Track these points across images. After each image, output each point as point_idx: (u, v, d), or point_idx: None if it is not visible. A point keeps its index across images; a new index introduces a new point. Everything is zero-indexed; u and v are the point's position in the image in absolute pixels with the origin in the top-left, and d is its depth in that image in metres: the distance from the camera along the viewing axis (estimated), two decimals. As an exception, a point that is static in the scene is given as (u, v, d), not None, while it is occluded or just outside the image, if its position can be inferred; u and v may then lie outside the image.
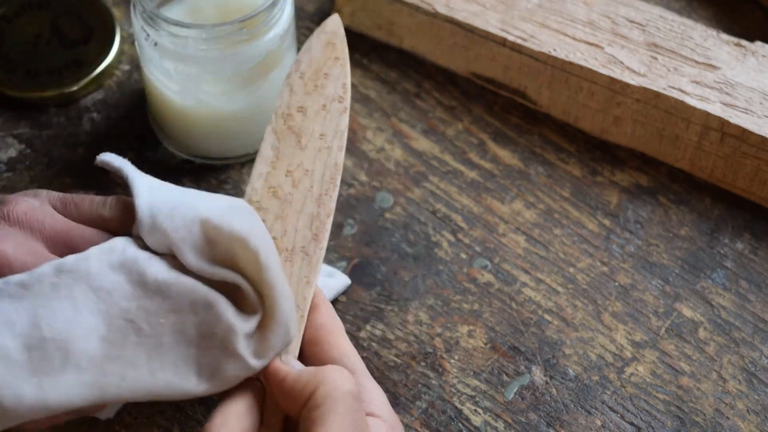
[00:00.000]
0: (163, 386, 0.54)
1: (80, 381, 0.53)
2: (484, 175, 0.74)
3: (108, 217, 0.57)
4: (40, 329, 0.52)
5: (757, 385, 0.66)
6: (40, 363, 0.52)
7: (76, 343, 0.52)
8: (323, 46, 0.63)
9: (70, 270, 0.53)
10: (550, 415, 0.65)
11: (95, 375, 0.53)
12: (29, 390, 0.52)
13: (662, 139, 0.74)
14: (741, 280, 0.70)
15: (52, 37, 0.78)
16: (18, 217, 0.55)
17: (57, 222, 0.56)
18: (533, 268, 0.70)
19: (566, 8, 0.76)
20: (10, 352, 0.52)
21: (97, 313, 0.53)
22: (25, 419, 0.53)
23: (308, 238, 0.59)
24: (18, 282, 0.53)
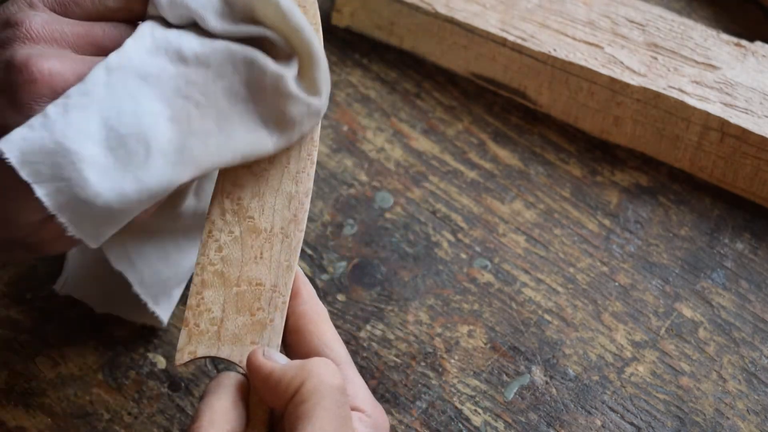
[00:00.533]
0: (242, 145, 0.56)
1: (170, 162, 0.54)
2: (484, 175, 0.74)
3: (115, 7, 0.56)
4: (114, 129, 0.53)
5: (757, 385, 0.66)
6: (128, 159, 0.53)
7: (151, 132, 0.53)
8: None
9: (117, 67, 0.54)
10: (550, 415, 0.65)
11: (181, 153, 0.54)
12: (129, 185, 0.53)
13: (662, 139, 0.74)
14: (741, 280, 0.70)
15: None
16: (39, 32, 0.54)
17: (74, 25, 0.55)
18: (533, 268, 0.70)
19: (566, 8, 0.76)
20: (98, 159, 0.52)
21: (154, 99, 0.54)
22: (136, 213, 0.54)
23: (287, 219, 0.58)
24: (78, 93, 0.53)
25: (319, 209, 0.72)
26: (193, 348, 0.56)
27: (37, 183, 0.52)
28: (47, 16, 0.55)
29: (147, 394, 0.65)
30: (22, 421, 0.64)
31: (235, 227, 0.58)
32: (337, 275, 0.70)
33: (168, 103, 0.54)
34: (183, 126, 0.54)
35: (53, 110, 0.52)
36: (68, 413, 0.65)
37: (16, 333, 0.67)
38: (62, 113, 0.52)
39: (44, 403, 0.65)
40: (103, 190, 0.52)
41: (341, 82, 0.78)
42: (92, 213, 0.52)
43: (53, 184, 0.52)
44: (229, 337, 0.56)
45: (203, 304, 0.56)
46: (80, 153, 0.52)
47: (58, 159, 0.52)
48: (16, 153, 0.51)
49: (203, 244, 0.57)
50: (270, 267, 0.57)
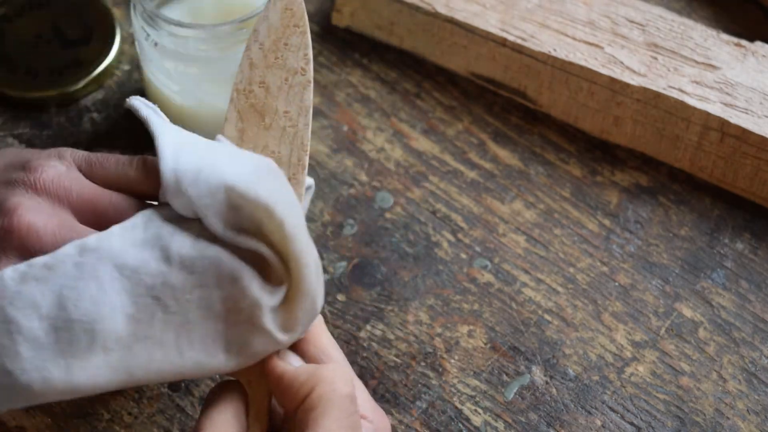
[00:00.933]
0: (191, 365, 0.53)
1: (108, 362, 0.52)
2: (484, 175, 0.74)
3: (134, 178, 0.56)
4: (66, 310, 0.51)
5: (757, 385, 0.66)
6: (67, 345, 0.51)
7: (102, 324, 0.51)
8: (281, 13, 0.60)
9: (93, 249, 0.52)
10: (550, 415, 0.65)
11: (123, 356, 0.52)
12: (57, 372, 0.51)
13: (662, 139, 0.74)
14: (741, 280, 0.70)
15: (52, 37, 0.78)
16: (45, 185, 0.54)
17: (84, 188, 0.55)
18: (533, 268, 0.70)
19: (566, 8, 0.76)
20: (37, 334, 0.51)
21: (122, 292, 0.52)
22: (53, 400, 0.53)
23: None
24: (42, 264, 0.52)
25: (319, 209, 0.72)
26: None
27: None
28: (64, 171, 0.55)
29: (147, 394, 0.65)
30: (22, 421, 0.64)
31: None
32: (337, 275, 0.70)
33: (134, 299, 0.52)
34: (140, 328, 0.52)
35: (9, 274, 0.52)
36: (68, 413, 0.64)
37: (16, 333, 0.67)
38: (18, 281, 0.52)
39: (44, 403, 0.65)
40: (29, 369, 0.51)
41: (341, 82, 0.78)
42: (11, 385, 0.51)
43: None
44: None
45: None
46: (21, 324, 0.51)
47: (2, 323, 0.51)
48: None
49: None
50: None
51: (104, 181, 0.56)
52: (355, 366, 0.66)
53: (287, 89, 0.59)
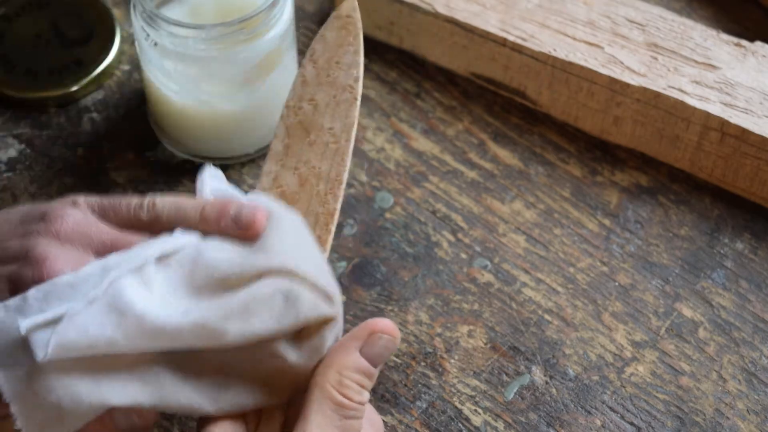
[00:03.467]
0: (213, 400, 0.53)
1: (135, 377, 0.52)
2: (484, 175, 0.74)
3: (147, 221, 0.56)
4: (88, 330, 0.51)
5: (757, 385, 0.66)
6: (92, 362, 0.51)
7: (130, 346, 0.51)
8: (337, 32, 0.61)
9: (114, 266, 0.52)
10: (550, 415, 0.65)
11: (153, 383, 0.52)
12: (85, 389, 0.51)
13: (662, 139, 0.74)
14: (741, 280, 0.70)
15: (52, 37, 0.78)
16: (67, 233, 0.54)
17: (103, 233, 0.55)
18: (533, 268, 0.70)
19: (566, 8, 0.76)
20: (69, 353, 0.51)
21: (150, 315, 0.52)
22: (85, 421, 0.52)
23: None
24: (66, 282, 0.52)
25: (319, 209, 0.72)
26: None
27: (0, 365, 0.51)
28: (81, 218, 0.55)
29: (147, 394, 0.65)
30: (22, 421, 0.64)
31: None
32: (337, 275, 0.70)
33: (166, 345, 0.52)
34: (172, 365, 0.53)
35: (33, 294, 0.52)
36: (68, 413, 0.64)
37: (16, 333, 0.67)
38: (41, 299, 0.52)
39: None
40: (57, 387, 0.51)
41: (341, 82, 0.78)
42: (43, 408, 0.51)
43: (13, 370, 0.51)
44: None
45: None
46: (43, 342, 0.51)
47: (23, 346, 0.51)
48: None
49: None
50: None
51: (118, 224, 0.56)
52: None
53: (334, 106, 0.60)
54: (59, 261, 0.53)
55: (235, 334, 0.51)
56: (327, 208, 0.58)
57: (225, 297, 0.52)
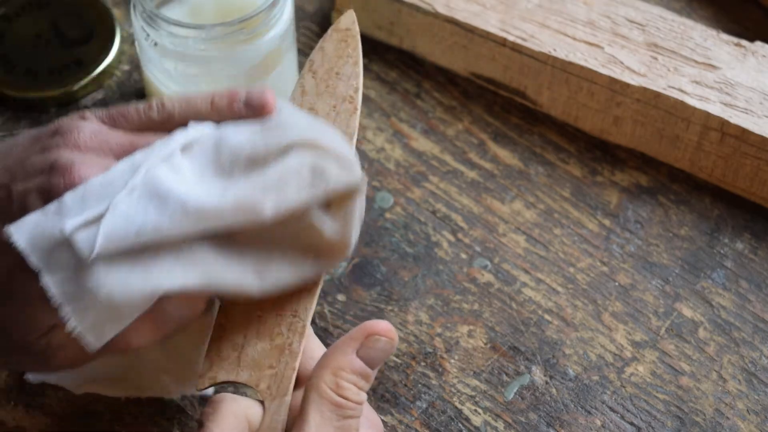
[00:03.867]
0: (270, 273, 0.55)
1: (181, 263, 0.53)
2: (484, 175, 0.74)
3: (159, 121, 0.56)
4: (130, 222, 0.52)
5: (757, 385, 0.66)
6: (139, 254, 0.52)
7: (171, 233, 0.52)
8: (336, 44, 0.62)
9: (143, 161, 0.53)
10: (550, 415, 0.65)
11: (200, 264, 0.53)
12: (136, 280, 0.52)
13: (662, 139, 0.74)
14: (741, 280, 0.70)
15: (52, 37, 0.78)
16: (86, 142, 0.54)
17: (120, 137, 0.55)
18: (533, 268, 0.70)
19: (566, 8, 0.76)
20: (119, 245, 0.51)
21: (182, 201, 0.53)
22: (139, 312, 0.53)
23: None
24: (99, 182, 0.52)
25: (319, 209, 0.72)
26: (214, 374, 0.56)
27: (44, 269, 0.51)
28: (96, 127, 0.55)
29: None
30: (22, 421, 0.64)
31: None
32: (337, 275, 0.70)
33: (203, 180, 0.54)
34: (218, 246, 0.54)
35: (70, 197, 0.52)
36: (68, 413, 0.64)
37: (16, 333, 0.67)
38: (79, 201, 0.52)
39: (44, 403, 0.65)
40: (107, 282, 0.51)
41: (341, 82, 0.78)
42: (95, 305, 0.51)
43: (60, 272, 0.51)
44: (248, 362, 0.56)
45: (225, 331, 0.56)
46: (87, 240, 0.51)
47: (65, 245, 0.51)
48: (25, 237, 0.51)
49: None
50: (292, 293, 0.57)
51: (131, 130, 0.57)
52: (355, 366, 0.66)
53: (334, 116, 0.60)
54: (85, 166, 0.53)
55: (271, 209, 0.53)
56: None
57: (255, 174, 0.53)
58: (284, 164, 0.54)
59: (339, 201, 0.55)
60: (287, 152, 0.54)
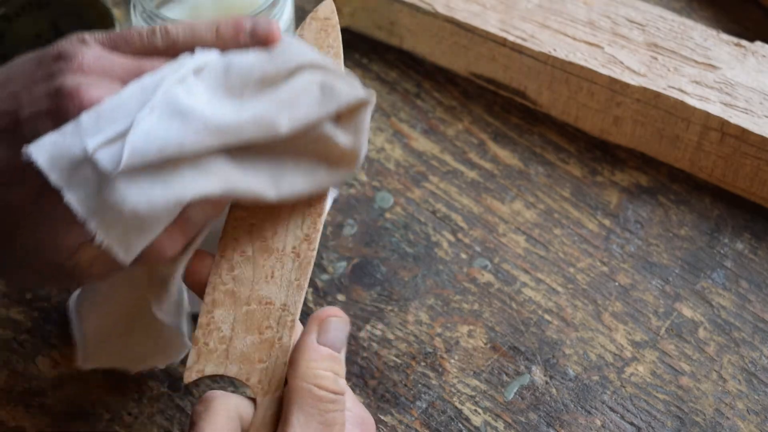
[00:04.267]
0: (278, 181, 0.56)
1: (200, 171, 0.54)
2: (484, 175, 0.74)
3: (162, 46, 0.56)
4: (147, 140, 0.53)
5: (757, 385, 0.66)
6: (158, 167, 0.53)
7: (188, 147, 0.53)
8: (315, 34, 0.62)
9: (154, 82, 0.54)
10: (550, 415, 0.65)
11: (218, 172, 0.54)
12: (158, 191, 0.53)
13: (662, 139, 0.74)
14: (741, 280, 0.70)
15: (52, 37, 0.78)
16: (90, 65, 0.54)
17: (124, 60, 0.56)
18: (533, 268, 0.70)
19: (566, 8, 0.76)
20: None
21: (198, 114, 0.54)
22: (166, 222, 0.53)
23: (299, 238, 0.58)
24: (112, 102, 0.53)
25: (319, 209, 0.72)
26: (202, 366, 0.55)
27: (66, 188, 0.52)
28: (99, 51, 0.55)
29: (147, 394, 0.65)
30: (22, 421, 0.64)
31: (247, 247, 0.58)
32: (337, 275, 0.70)
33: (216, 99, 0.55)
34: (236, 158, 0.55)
35: (86, 117, 0.52)
36: (68, 413, 0.65)
37: (16, 333, 0.67)
38: (94, 120, 0.52)
39: (44, 403, 0.65)
40: (130, 195, 0.52)
41: (341, 82, 0.78)
42: (121, 219, 0.52)
43: (82, 189, 0.52)
44: (237, 355, 0.56)
45: (213, 323, 0.56)
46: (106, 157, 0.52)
47: (87, 163, 0.52)
48: (45, 157, 0.51)
49: (215, 263, 0.57)
50: (280, 286, 0.57)
51: (133, 54, 0.57)
52: (355, 366, 0.66)
53: None
54: (93, 88, 0.53)
55: (286, 122, 0.54)
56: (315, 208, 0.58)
57: (268, 93, 0.55)
58: (294, 83, 0.55)
59: (348, 114, 0.56)
60: (296, 73, 0.55)
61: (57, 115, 0.53)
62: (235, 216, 0.58)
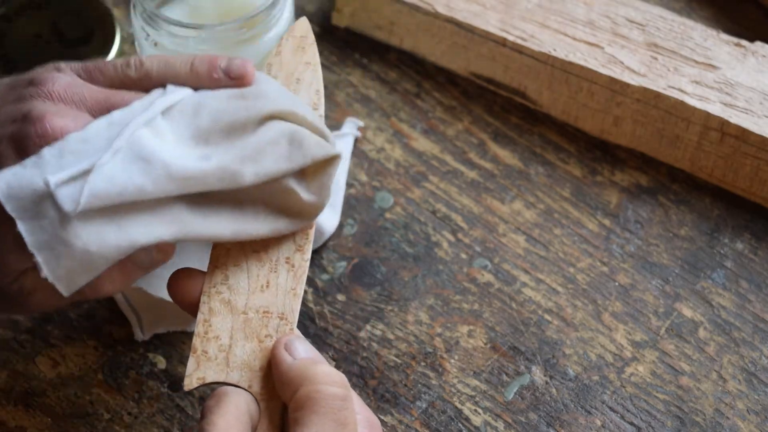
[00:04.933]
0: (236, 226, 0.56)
1: (156, 216, 0.54)
2: (484, 175, 0.74)
3: (136, 78, 0.57)
4: (108, 181, 0.53)
5: (757, 385, 0.66)
6: (114, 209, 0.53)
7: (146, 190, 0.53)
8: (293, 51, 0.63)
9: (118, 122, 0.54)
10: (550, 415, 0.65)
11: (173, 218, 0.55)
12: (111, 232, 0.53)
13: (662, 139, 0.74)
14: (741, 280, 0.70)
15: (52, 37, 0.78)
16: (60, 93, 0.55)
17: (95, 91, 0.56)
18: (533, 268, 0.70)
19: (566, 8, 0.76)
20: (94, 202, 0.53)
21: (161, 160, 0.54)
22: (112, 262, 0.54)
23: (292, 249, 0.58)
24: (77, 139, 0.53)
25: (319, 209, 0.72)
26: (202, 374, 0.55)
27: (20, 218, 0.52)
28: (71, 80, 0.56)
29: (147, 394, 0.65)
30: (22, 421, 0.64)
31: (240, 258, 0.58)
32: (337, 275, 0.70)
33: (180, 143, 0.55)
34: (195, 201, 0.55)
35: (48, 152, 0.53)
36: (68, 413, 0.65)
37: (16, 333, 0.67)
38: (57, 155, 0.53)
39: (44, 403, 0.65)
40: (84, 234, 0.52)
41: (341, 82, 0.78)
42: (70, 255, 0.52)
43: (36, 222, 0.52)
44: (238, 363, 0.56)
45: (211, 332, 0.56)
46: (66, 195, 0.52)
47: (45, 198, 0.52)
48: (2, 186, 0.52)
49: (209, 273, 0.57)
50: (276, 295, 0.57)
51: (107, 85, 0.57)
52: (355, 366, 0.66)
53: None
54: (58, 117, 0.54)
55: (251, 175, 0.55)
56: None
57: (235, 142, 0.55)
58: (263, 134, 0.55)
59: (315, 168, 0.56)
60: (265, 122, 0.55)
61: (18, 140, 0.53)
62: None
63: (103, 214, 0.53)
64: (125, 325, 0.67)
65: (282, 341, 0.55)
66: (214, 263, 0.58)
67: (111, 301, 0.68)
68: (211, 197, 0.56)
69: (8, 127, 0.54)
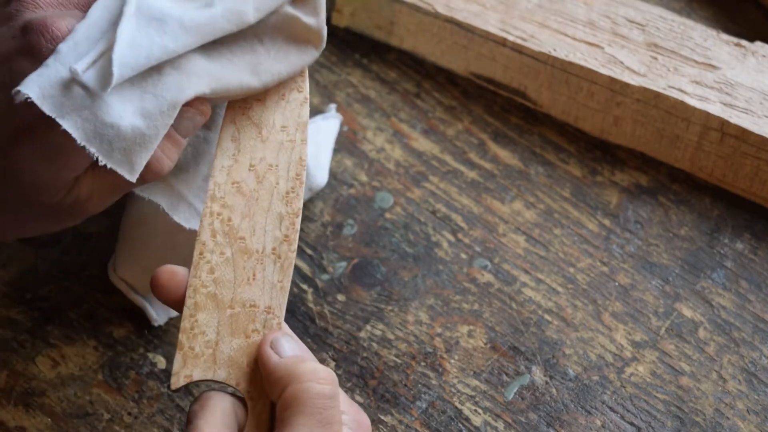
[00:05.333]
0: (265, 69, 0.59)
1: (185, 73, 0.55)
2: (484, 175, 0.74)
3: None
4: (134, 53, 0.54)
5: (757, 385, 0.66)
6: (143, 80, 0.54)
7: (167, 54, 0.55)
8: None
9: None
10: (550, 415, 0.65)
11: (203, 74, 0.56)
12: (149, 102, 0.54)
13: (662, 139, 0.74)
14: (741, 280, 0.70)
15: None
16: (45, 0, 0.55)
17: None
18: (533, 268, 0.70)
19: (566, 8, 0.76)
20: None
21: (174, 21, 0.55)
22: (163, 132, 0.54)
23: (279, 239, 0.57)
24: (84, 26, 0.54)
25: (319, 209, 0.72)
26: (189, 372, 0.55)
27: (60, 116, 0.52)
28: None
29: (147, 394, 0.65)
30: (22, 421, 0.64)
31: (226, 248, 0.57)
32: (337, 275, 0.70)
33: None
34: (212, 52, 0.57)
35: (64, 46, 0.53)
36: (68, 413, 0.65)
37: (16, 333, 0.67)
38: (72, 47, 0.53)
39: (44, 403, 0.65)
40: (126, 111, 0.53)
41: (341, 82, 0.78)
42: (121, 136, 0.53)
43: (77, 114, 0.52)
44: (224, 360, 0.55)
45: (197, 327, 0.56)
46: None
47: (77, 87, 0.52)
48: (34, 89, 0.51)
49: (194, 265, 0.57)
50: (263, 288, 0.56)
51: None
52: (355, 366, 0.66)
53: (284, 104, 0.61)
54: (59, 19, 0.54)
55: (253, 11, 0.57)
56: (292, 208, 0.58)
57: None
58: None
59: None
60: None
61: (31, 51, 0.53)
62: (212, 212, 0.58)
63: (135, 88, 0.54)
64: (125, 325, 0.67)
65: (268, 339, 0.54)
66: (199, 254, 0.57)
67: (111, 301, 0.68)
68: (224, 46, 0.57)
69: (10, 43, 0.54)
